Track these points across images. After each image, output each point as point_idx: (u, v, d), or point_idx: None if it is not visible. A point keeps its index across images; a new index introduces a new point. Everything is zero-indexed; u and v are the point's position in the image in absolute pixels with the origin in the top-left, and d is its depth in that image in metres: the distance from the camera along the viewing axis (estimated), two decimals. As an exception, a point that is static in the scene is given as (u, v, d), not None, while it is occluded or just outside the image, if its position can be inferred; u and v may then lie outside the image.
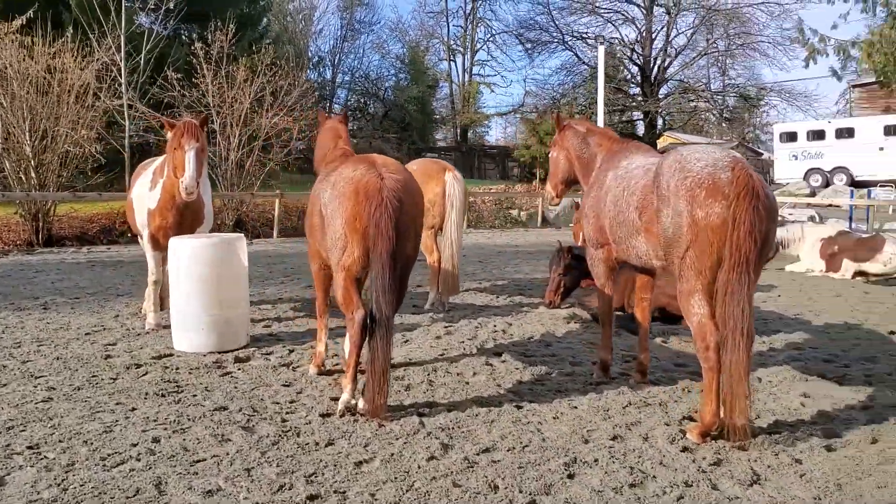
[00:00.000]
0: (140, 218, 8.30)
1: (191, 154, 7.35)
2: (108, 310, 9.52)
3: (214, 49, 24.26)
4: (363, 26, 60.99)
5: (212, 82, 24.35)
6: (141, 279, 12.20)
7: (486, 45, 62.27)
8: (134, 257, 16.05)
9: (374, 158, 5.44)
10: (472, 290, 11.37)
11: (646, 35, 44.05)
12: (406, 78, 59.69)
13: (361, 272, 5.24)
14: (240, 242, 7.41)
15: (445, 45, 63.17)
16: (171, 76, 23.75)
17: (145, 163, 9.32)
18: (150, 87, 24.24)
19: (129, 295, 10.73)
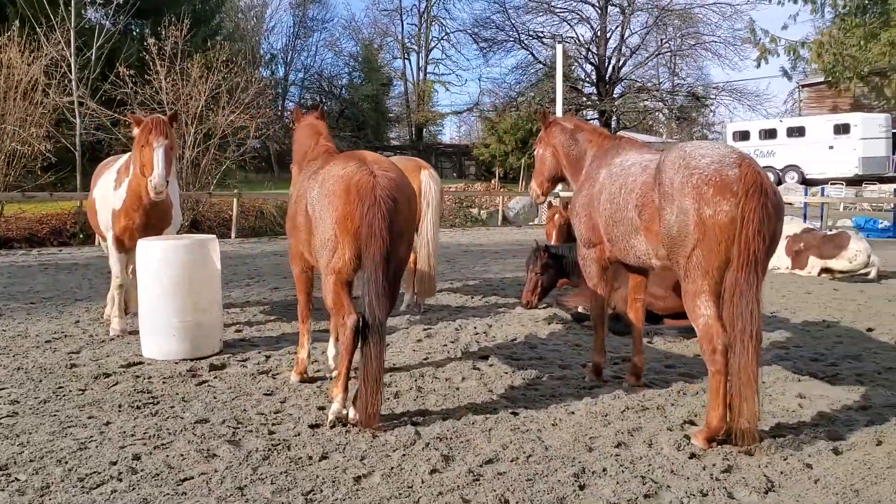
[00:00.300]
0: (104, 219, 7.91)
1: (159, 151, 7.00)
2: (67, 315, 9.07)
3: (168, 45, 23.64)
4: (316, 24, 60.41)
5: (165, 79, 23.74)
6: (99, 282, 11.76)
7: (440, 43, 62.06)
8: (89, 259, 15.49)
9: (363, 155, 5.18)
10: (444, 291, 11.15)
11: (600, 35, 44.31)
12: (359, 76, 59.27)
13: (352, 275, 4.98)
14: (212, 244, 7.08)
15: (400, 44, 62.80)
16: (124, 72, 23.07)
17: (108, 161, 8.90)
18: (102, 84, 23.48)
19: (88, 299, 10.27)
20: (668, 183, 4.76)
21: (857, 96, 40.85)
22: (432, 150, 53.57)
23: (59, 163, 21.52)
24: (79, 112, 22.65)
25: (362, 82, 57.63)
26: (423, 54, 62.82)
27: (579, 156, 6.31)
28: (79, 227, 20.72)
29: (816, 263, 13.29)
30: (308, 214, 5.15)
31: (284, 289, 11.42)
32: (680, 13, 43.25)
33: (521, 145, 33.95)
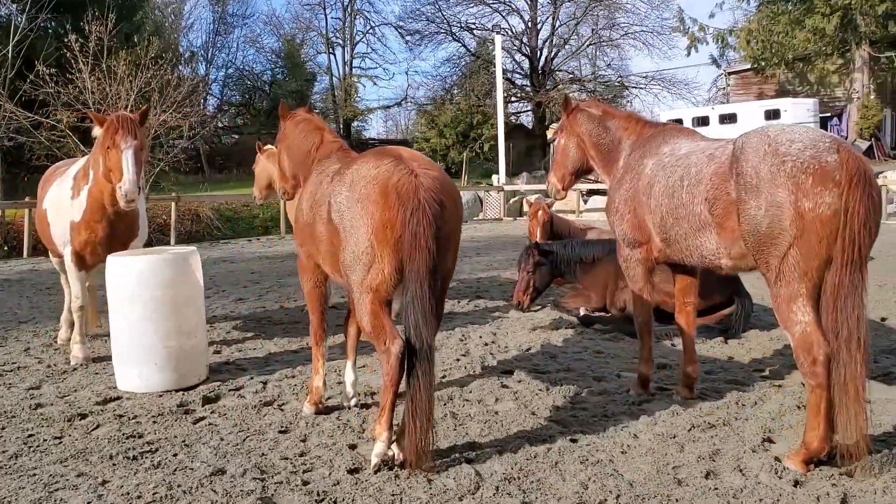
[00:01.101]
0: (59, 232, 6.94)
1: (128, 154, 6.11)
2: (13, 342, 8.04)
3: (92, 41, 22.21)
4: (236, 20, 58.63)
5: (89, 77, 22.31)
6: (39, 300, 10.69)
7: (365, 37, 60.99)
8: (19, 274, 14.22)
9: (398, 151, 4.44)
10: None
11: (531, 26, 44.06)
12: (282, 72, 57.74)
13: (392, 292, 4.25)
14: (194, 257, 6.24)
15: (324, 38, 61.45)
16: (44, 71, 21.55)
17: (58, 165, 7.90)
18: (21, 84, 21.89)
19: (33, 321, 9.21)
20: (752, 173, 4.19)
21: (781, 82, 41.63)
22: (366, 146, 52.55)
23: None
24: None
25: (286, 78, 56.15)
26: (348, 48, 61.64)
27: (612, 145, 5.70)
28: (1, 238, 19.23)
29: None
30: (332, 223, 4.39)
31: (249, 300, 10.53)
32: (609, 3, 43.33)
33: (463, 139, 33.38)
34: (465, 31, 44.22)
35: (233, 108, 51.76)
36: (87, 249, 6.77)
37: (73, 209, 6.74)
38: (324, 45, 61.25)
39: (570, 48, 44.03)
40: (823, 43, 35.28)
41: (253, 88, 52.79)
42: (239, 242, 21.18)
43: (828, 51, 35.86)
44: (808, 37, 35.46)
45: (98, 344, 7.73)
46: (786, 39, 36.39)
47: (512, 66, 44.04)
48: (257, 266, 14.93)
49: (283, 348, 7.38)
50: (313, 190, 4.94)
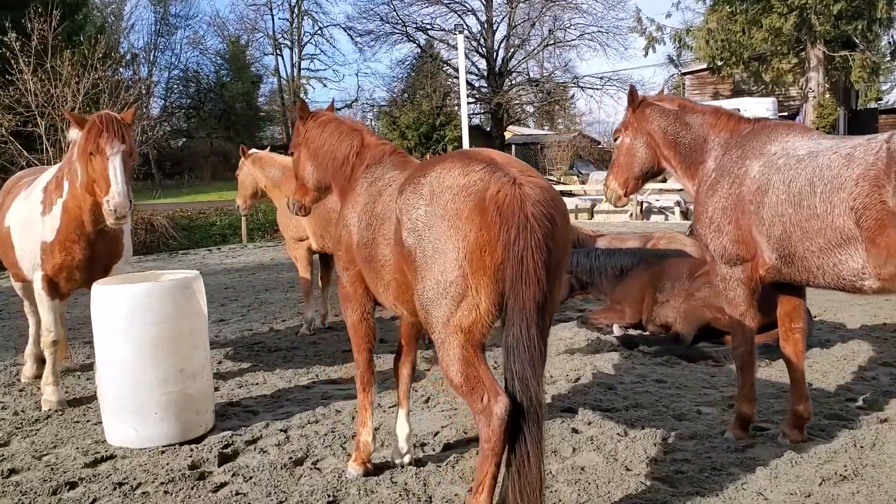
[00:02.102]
0: (26, 255, 5.86)
1: (116, 161, 5.10)
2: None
3: (34, 39, 20.72)
4: (179, 20, 56.93)
5: (32, 78, 20.82)
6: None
7: (313, 38, 59.79)
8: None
9: (489, 155, 3.52)
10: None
11: (487, 26, 43.39)
12: (227, 74, 56.15)
13: (489, 333, 3.35)
14: (197, 283, 5.25)
15: (271, 39, 60.10)
16: (-22, 72, 20.03)
17: (21, 175, 6.80)
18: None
19: (3, 355, 8.05)
20: (923, 179, 3.42)
21: (737, 82, 41.73)
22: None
23: None
24: (-72, 120, 19.46)
25: (231, 80, 54.58)
26: (296, 50, 60.37)
27: (694, 144, 4.89)
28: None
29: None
30: (404, 245, 3.47)
31: (231, 321, 9.49)
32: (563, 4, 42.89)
33: (425, 140, 32.46)
34: (419, 31, 43.32)
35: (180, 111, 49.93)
36: (63, 275, 5.71)
37: (45, 227, 5.67)
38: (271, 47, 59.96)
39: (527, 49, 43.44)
40: (779, 42, 35.34)
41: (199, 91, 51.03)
42: (199, 253, 19.95)
43: (783, 50, 35.95)
44: (766, 36, 35.47)
45: (70, 381, 6.67)
46: (743, 39, 36.36)
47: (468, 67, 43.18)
48: (228, 280, 13.83)
49: (292, 382, 6.42)
50: (368, 203, 4.02)
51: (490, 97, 41.36)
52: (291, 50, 60.45)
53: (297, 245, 8.24)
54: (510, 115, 45.34)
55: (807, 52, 35.56)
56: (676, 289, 7.16)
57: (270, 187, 8.61)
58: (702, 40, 37.67)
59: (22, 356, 7.53)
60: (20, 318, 9.83)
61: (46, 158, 20.71)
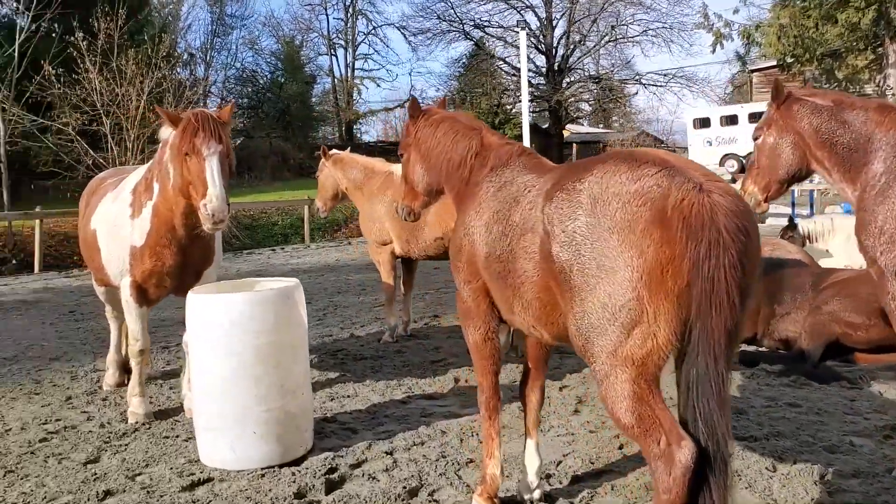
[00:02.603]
0: (113, 259, 5.57)
1: (213, 162, 4.77)
2: (48, 387, 6.68)
3: (101, 38, 20.82)
4: (235, 21, 57.31)
5: (97, 78, 20.92)
6: (66, 328, 9.32)
7: (367, 38, 59.75)
8: (34, 294, 12.83)
9: (658, 155, 3.05)
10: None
11: (547, 23, 42.71)
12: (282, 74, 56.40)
13: (663, 367, 2.90)
14: (298, 293, 4.89)
15: (326, 39, 60.23)
16: (49, 72, 20.17)
17: (106, 175, 6.55)
18: (28, 86, 20.48)
19: (66, 358, 7.84)
20: None
21: (808, 79, 40.34)
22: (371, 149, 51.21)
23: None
24: (1, 118, 19.62)
25: (285, 81, 54.82)
26: (350, 50, 60.41)
27: (856, 144, 4.35)
28: (8, 250, 17.87)
29: None
30: (554, 261, 3.03)
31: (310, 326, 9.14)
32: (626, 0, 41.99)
33: (484, 140, 32.12)
34: (477, 28, 42.80)
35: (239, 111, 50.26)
36: (152, 281, 5.41)
37: (134, 231, 5.38)
38: (325, 47, 60.08)
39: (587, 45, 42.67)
40: (855, 38, 34.00)
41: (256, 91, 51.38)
42: (263, 253, 19.82)
43: (859, 46, 34.58)
44: (840, 31, 34.17)
45: (153, 390, 6.40)
46: (816, 34, 35.09)
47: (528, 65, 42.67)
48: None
49: (386, 396, 6.03)
50: (500, 210, 3.57)
51: (549, 95, 40.69)
52: (345, 50, 60.50)
53: (380, 249, 7.87)
54: (569, 113, 44.60)
55: (885, 48, 34.11)
56: (799, 301, 6.60)
57: (352, 189, 8.26)
58: (772, 36, 36.39)
59: (102, 361, 7.31)
60: (95, 319, 9.70)
61: (111, 157, 20.83)
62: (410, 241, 7.51)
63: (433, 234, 7.27)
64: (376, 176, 8.00)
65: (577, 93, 43.11)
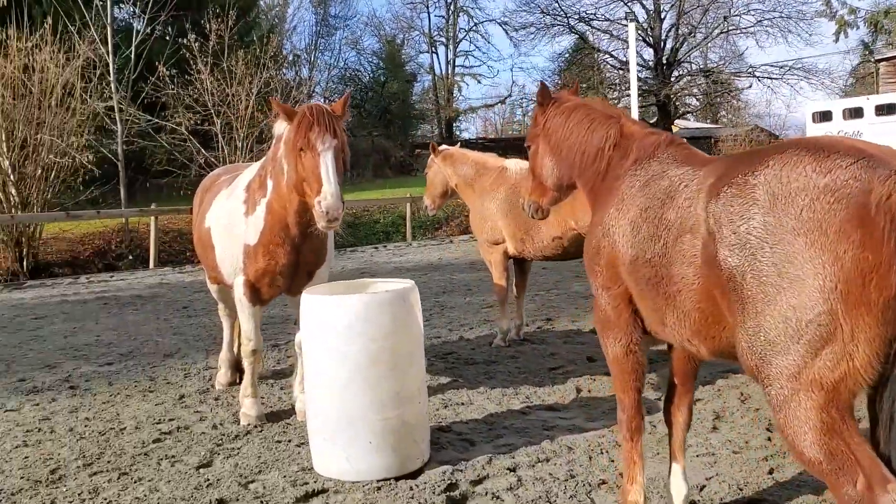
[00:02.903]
0: (228, 257, 5.46)
1: (328, 157, 4.56)
2: (162, 384, 6.68)
3: (212, 39, 21.31)
4: (338, 21, 58.25)
5: (208, 78, 21.41)
6: (180, 323, 9.41)
7: (468, 35, 59.71)
8: (150, 289, 13.13)
9: (850, 143, 2.61)
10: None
11: (655, 14, 41.45)
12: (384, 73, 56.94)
13: (860, 392, 2.47)
14: (414, 295, 4.63)
15: (427, 37, 60.52)
16: (163, 72, 20.77)
17: (219, 172, 6.50)
18: (143, 86, 21.17)
19: (179, 354, 7.87)
20: None
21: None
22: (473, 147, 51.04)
23: (100, 176, 19.19)
24: (119, 118, 20.34)
25: (387, 79, 55.34)
26: (451, 47, 60.51)
27: None
28: (125, 246, 18.47)
29: None
30: (719, 267, 2.64)
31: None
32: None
33: (591, 136, 31.29)
34: (582, 22, 41.98)
35: (350, 110, 51.15)
36: (265, 280, 5.26)
37: (248, 229, 5.24)
38: (426, 45, 60.36)
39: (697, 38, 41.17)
40: None
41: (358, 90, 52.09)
42: (366, 250, 19.86)
43: None
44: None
45: (264, 390, 6.29)
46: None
47: (633, 59, 41.46)
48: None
49: (503, 405, 5.72)
50: (649, 207, 3.18)
51: (657, 89, 39.48)
52: (446, 47, 60.68)
53: (492, 249, 7.56)
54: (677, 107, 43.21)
55: None
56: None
57: (462, 186, 7.98)
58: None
59: (214, 359, 7.29)
60: (208, 315, 9.78)
61: (222, 157, 21.28)
62: (526, 241, 7.16)
63: (551, 234, 6.90)
64: (488, 172, 7.69)
65: (686, 87, 41.65)
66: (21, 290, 13.69)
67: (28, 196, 17.10)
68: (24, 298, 12.54)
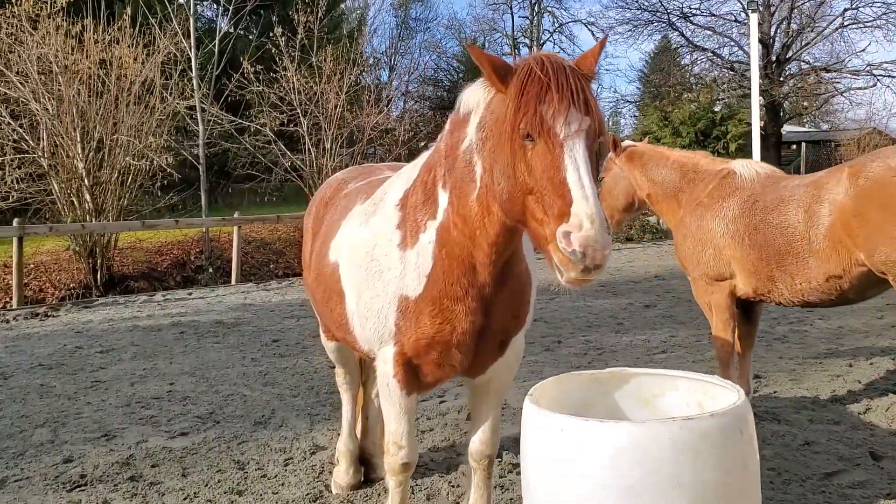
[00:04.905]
0: (370, 314, 3.30)
1: (577, 150, 2.47)
2: (255, 479, 4.69)
3: (300, 33, 19.64)
4: (419, 24, 56.87)
5: (295, 75, 19.75)
6: (271, 369, 7.44)
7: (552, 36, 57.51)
8: (232, 312, 11.30)
9: None
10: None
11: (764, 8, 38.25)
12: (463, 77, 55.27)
13: None
14: (748, 414, 2.46)
15: (510, 39, 58.74)
16: (248, 69, 19.18)
17: (342, 179, 4.37)
18: (226, 84, 19.62)
19: (275, 422, 5.87)
20: None
21: None
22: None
23: (179, 180, 17.66)
24: (201, 118, 18.79)
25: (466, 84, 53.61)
26: (535, 49, 58.32)
27: None
28: (205, 257, 16.87)
29: None
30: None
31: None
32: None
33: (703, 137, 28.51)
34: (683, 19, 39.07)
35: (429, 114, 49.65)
36: (433, 355, 3.17)
37: (407, 271, 3.15)
38: (509, 47, 58.41)
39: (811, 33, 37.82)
40: None
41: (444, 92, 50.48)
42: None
43: None
44: None
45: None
46: None
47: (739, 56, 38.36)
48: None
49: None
50: None
51: (767, 89, 36.32)
52: (530, 49, 58.69)
53: (712, 287, 5.30)
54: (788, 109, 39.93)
55: None
56: None
57: (660, 196, 5.76)
58: None
59: (321, 431, 5.32)
60: (304, 355, 7.92)
61: (308, 160, 19.60)
62: (778, 279, 4.90)
63: (826, 271, 4.64)
64: (703, 177, 5.47)
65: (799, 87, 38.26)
66: (91, 310, 12.06)
67: (103, 202, 15.63)
68: (93, 321, 10.85)
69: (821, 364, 7.13)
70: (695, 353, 7.73)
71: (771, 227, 4.89)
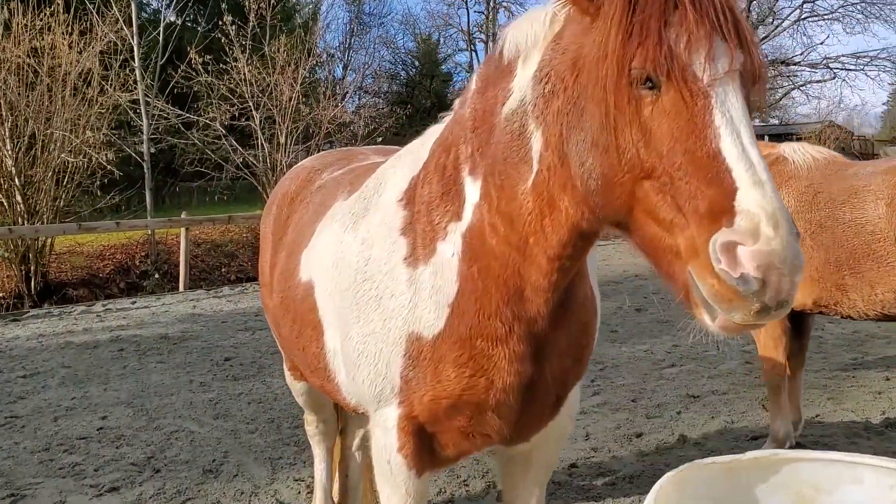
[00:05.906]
0: (364, 358, 2.29)
1: (735, 104, 1.47)
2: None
3: (251, 20, 18.44)
4: (373, 19, 55.78)
5: (246, 66, 18.53)
6: (225, 397, 6.37)
7: (508, 31, 57.09)
8: (180, 324, 10.11)
9: None
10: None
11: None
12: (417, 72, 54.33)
13: None
14: None
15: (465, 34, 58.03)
16: (196, 59, 17.90)
17: (317, 164, 3.26)
18: (172, 74, 18.31)
19: (228, 470, 4.79)
20: None
21: None
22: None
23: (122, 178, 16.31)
24: (145, 112, 17.44)
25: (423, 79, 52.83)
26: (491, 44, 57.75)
27: None
28: (150, 262, 15.59)
29: None
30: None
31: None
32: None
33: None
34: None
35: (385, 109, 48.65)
36: (459, 421, 2.16)
37: (417, 295, 2.11)
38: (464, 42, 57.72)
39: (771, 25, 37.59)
40: None
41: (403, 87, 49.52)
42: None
43: None
44: None
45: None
46: None
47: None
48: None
49: None
50: None
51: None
52: (486, 45, 58.01)
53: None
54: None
55: None
56: None
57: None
58: None
59: (285, 484, 4.26)
60: (260, 377, 6.80)
61: (262, 156, 18.42)
62: (850, 288, 3.99)
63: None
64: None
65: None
66: (19, 324, 10.74)
67: (36, 203, 14.25)
68: (19, 338, 9.56)
69: (854, 378, 6.30)
70: (707, 366, 6.84)
71: (842, 224, 3.98)
